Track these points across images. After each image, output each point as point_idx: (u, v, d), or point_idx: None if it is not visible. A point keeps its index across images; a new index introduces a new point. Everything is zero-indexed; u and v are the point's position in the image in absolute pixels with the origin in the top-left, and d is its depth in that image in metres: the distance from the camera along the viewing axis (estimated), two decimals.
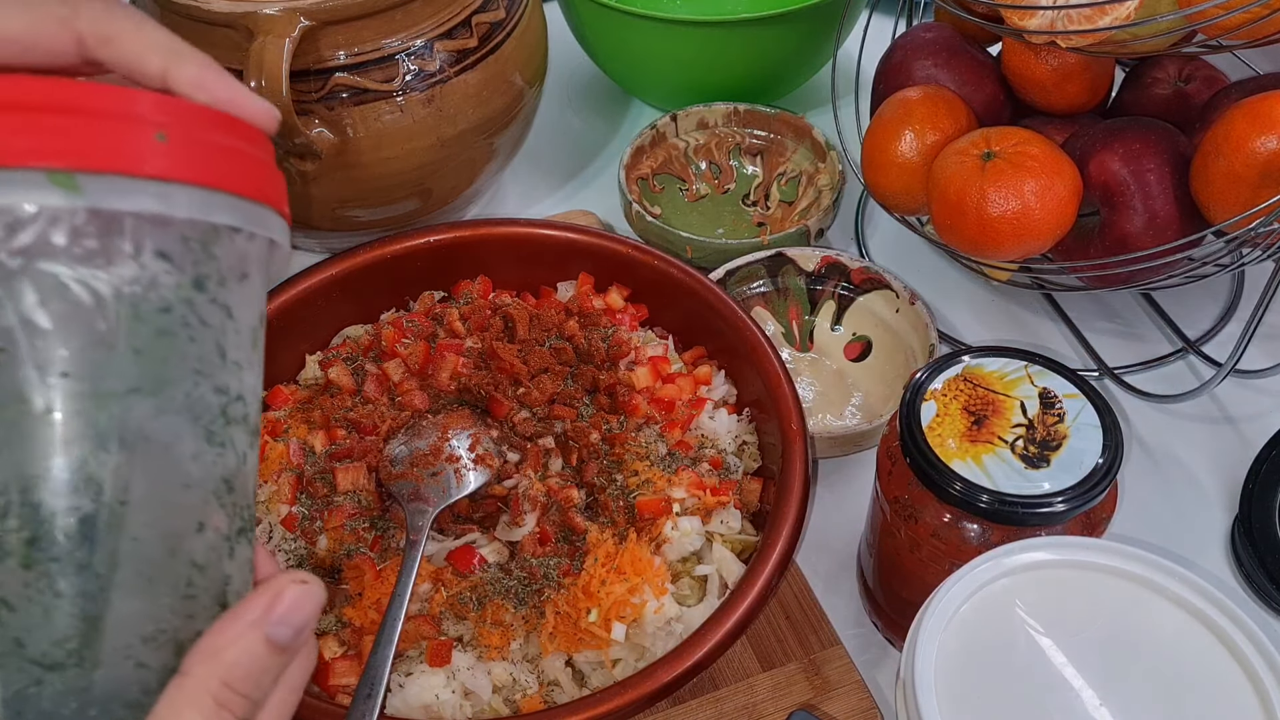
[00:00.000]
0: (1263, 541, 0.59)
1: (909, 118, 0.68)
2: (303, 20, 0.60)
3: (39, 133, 0.25)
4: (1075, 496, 0.46)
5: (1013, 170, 0.61)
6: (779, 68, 0.85)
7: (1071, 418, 0.49)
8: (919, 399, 0.50)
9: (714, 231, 0.81)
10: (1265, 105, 0.57)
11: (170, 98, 0.29)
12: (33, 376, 0.25)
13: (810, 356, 0.73)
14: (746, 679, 0.55)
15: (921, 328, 0.68)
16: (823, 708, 0.54)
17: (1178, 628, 0.41)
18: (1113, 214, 0.63)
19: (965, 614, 0.42)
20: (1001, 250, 0.63)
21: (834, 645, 0.56)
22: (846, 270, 0.72)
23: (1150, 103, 0.70)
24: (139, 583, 0.26)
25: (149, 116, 0.27)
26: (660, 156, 0.83)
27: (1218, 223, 0.60)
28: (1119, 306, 0.75)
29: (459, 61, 0.67)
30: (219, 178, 0.28)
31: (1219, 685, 0.40)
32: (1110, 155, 0.62)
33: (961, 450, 0.48)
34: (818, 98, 0.94)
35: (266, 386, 0.61)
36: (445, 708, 0.49)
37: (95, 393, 0.26)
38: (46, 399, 0.25)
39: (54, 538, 0.25)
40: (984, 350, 0.52)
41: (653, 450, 0.57)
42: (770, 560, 0.50)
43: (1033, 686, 0.40)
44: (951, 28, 0.73)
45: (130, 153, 0.26)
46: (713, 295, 0.62)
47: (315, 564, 0.54)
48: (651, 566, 0.52)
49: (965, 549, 0.48)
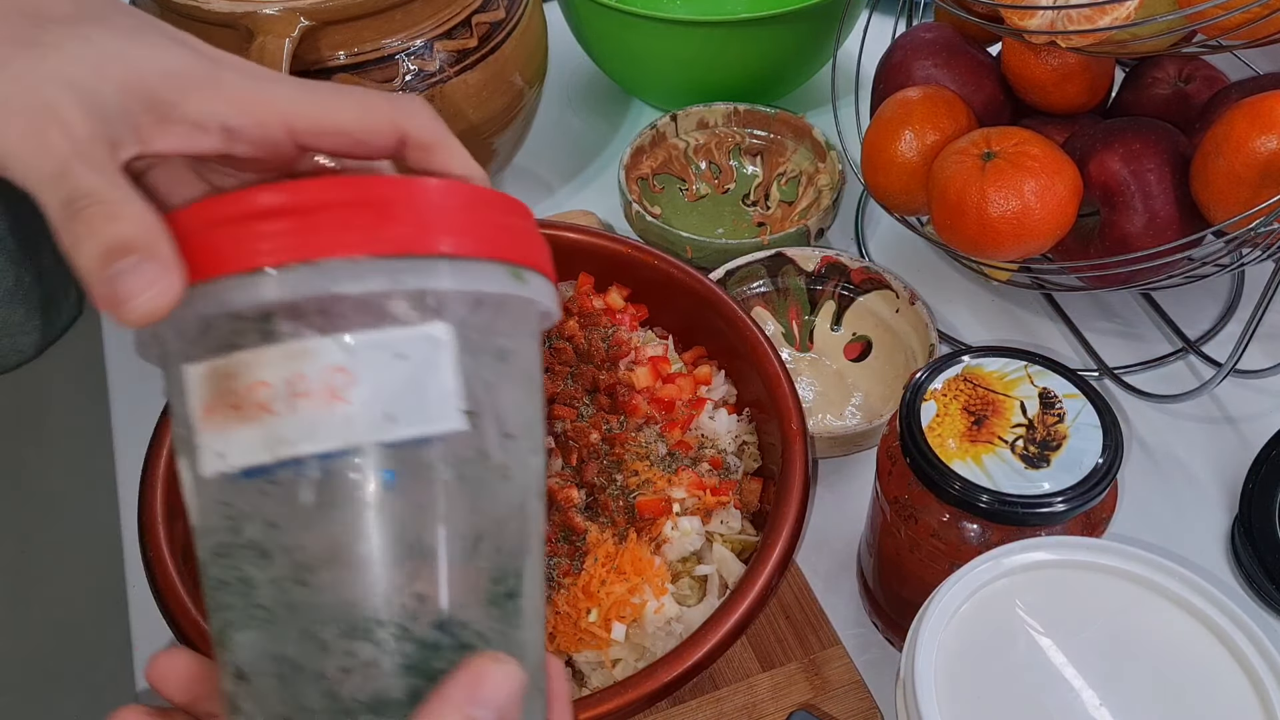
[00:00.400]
0: (1263, 541, 0.59)
1: (909, 118, 0.68)
2: (303, 20, 0.60)
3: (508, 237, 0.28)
4: (1075, 496, 0.46)
5: (1013, 170, 0.61)
6: (779, 68, 0.85)
7: (1071, 418, 0.49)
8: (919, 399, 0.50)
9: (714, 231, 0.81)
10: (1265, 105, 0.57)
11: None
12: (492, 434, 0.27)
13: (810, 356, 0.73)
14: (746, 679, 0.55)
15: (921, 328, 0.68)
16: (823, 708, 0.54)
17: (1178, 628, 0.41)
18: (1113, 214, 0.63)
19: (965, 614, 0.42)
20: (1001, 250, 0.63)
21: (834, 645, 0.56)
22: (846, 270, 0.72)
23: (1150, 103, 0.70)
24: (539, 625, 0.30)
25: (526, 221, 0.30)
26: (660, 156, 0.83)
27: (1218, 223, 0.60)
28: (1119, 306, 0.75)
29: (459, 61, 0.67)
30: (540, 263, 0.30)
31: (1219, 685, 0.40)
32: (1110, 155, 0.62)
33: (961, 450, 0.48)
34: (818, 98, 0.94)
35: None
36: None
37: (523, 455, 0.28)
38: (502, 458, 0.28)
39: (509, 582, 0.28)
40: (984, 350, 0.52)
41: (653, 450, 0.57)
42: (770, 560, 0.50)
43: (1033, 686, 0.40)
44: (951, 28, 0.73)
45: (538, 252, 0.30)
46: (713, 295, 0.62)
47: None
48: (651, 566, 0.52)
49: (965, 549, 0.48)
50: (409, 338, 0.26)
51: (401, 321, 0.26)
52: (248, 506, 0.26)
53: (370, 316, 0.26)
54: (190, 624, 0.47)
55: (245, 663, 0.26)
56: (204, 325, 0.26)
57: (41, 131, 0.28)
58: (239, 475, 0.26)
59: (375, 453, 0.25)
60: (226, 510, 0.26)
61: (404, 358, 0.26)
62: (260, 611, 0.26)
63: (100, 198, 0.27)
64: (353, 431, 0.25)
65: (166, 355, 0.28)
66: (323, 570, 0.25)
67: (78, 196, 0.27)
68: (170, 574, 0.48)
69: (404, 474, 0.26)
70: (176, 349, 0.27)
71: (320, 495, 0.25)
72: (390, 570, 0.26)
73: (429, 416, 0.26)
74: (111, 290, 0.26)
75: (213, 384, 0.26)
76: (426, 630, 0.26)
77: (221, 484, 0.26)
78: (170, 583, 0.48)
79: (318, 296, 0.25)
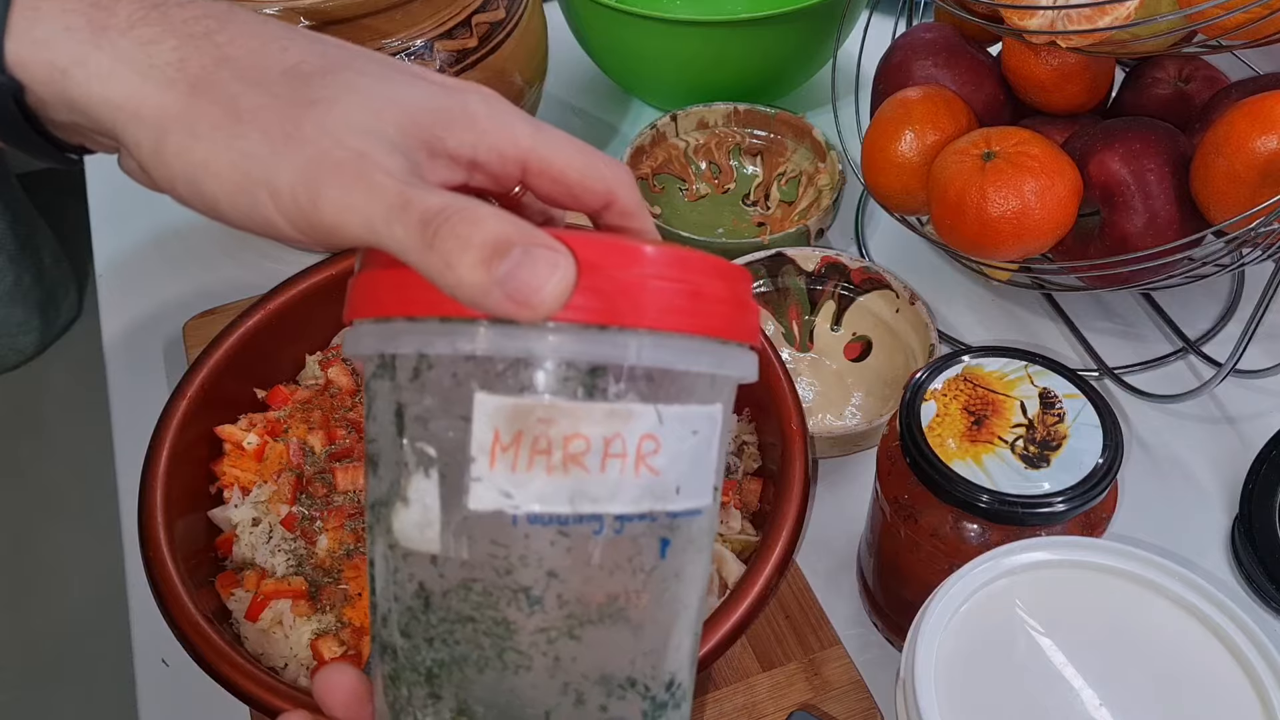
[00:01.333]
0: (1263, 541, 0.59)
1: (909, 118, 0.68)
2: (303, 20, 0.60)
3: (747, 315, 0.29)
4: (1075, 496, 0.46)
5: (1013, 170, 0.61)
6: (779, 68, 0.85)
7: (1071, 418, 0.49)
8: (919, 399, 0.50)
9: (714, 231, 0.81)
10: (1265, 105, 0.57)
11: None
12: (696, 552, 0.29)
13: (810, 356, 0.73)
14: (746, 679, 0.55)
15: (921, 328, 0.68)
16: (823, 708, 0.54)
17: (1178, 628, 0.41)
18: (1113, 214, 0.63)
19: (965, 614, 0.42)
20: (1001, 250, 0.63)
21: (834, 645, 0.56)
22: (846, 270, 0.72)
23: (1150, 103, 0.70)
24: None
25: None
26: (660, 156, 0.83)
27: (1218, 223, 0.60)
28: (1119, 306, 0.75)
29: (459, 61, 0.67)
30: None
31: (1219, 685, 0.40)
32: (1110, 155, 0.62)
33: (961, 450, 0.48)
34: (818, 98, 0.94)
35: (266, 387, 0.61)
36: None
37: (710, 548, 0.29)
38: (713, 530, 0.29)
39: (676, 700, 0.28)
40: (984, 350, 0.52)
41: None
42: (770, 560, 0.50)
43: (1032, 686, 0.40)
44: (951, 28, 0.73)
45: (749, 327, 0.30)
46: None
47: (315, 564, 0.54)
48: None
49: (965, 549, 0.48)
50: (702, 415, 0.27)
51: (701, 401, 0.27)
52: (527, 552, 0.26)
53: (683, 394, 0.27)
54: (190, 624, 0.47)
55: (477, 700, 0.27)
56: (523, 361, 0.26)
57: (366, 175, 0.28)
58: (526, 519, 0.26)
59: (662, 521, 0.27)
60: (497, 550, 0.26)
61: (697, 434, 0.27)
62: (515, 656, 0.26)
63: (455, 208, 0.26)
64: (650, 500, 0.26)
65: (432, 373, 0.27)
66: (596, 627, 0.26)
67: (431, 216, 0.26)
68: (170, 574, 0.48)
69: (676, 543, 0.27)
70: (462, 374, 0.26)
71: (606, 554, 0.26)
72: (655, 633, 0.27)
73: (701, 491, 0.28)
74: (512, 289, 0.25)
75: (516, 422, 0.26)
76: (660, 690, 0.27)
77: (500, 523, 0.26)
78: (170, 583, 0.48)
79: (659, 368, 0.26)
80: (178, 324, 0.73)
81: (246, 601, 0.52)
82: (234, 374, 0.58)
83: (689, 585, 0.28)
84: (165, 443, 0.53)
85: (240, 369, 0.58)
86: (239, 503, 0.56)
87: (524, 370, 0.26)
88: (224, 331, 0.58)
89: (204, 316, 0.73)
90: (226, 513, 0.56)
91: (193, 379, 0.56)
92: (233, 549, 0.55)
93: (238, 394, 0.59)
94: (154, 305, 0.77)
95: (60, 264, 1.92)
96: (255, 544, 0.54)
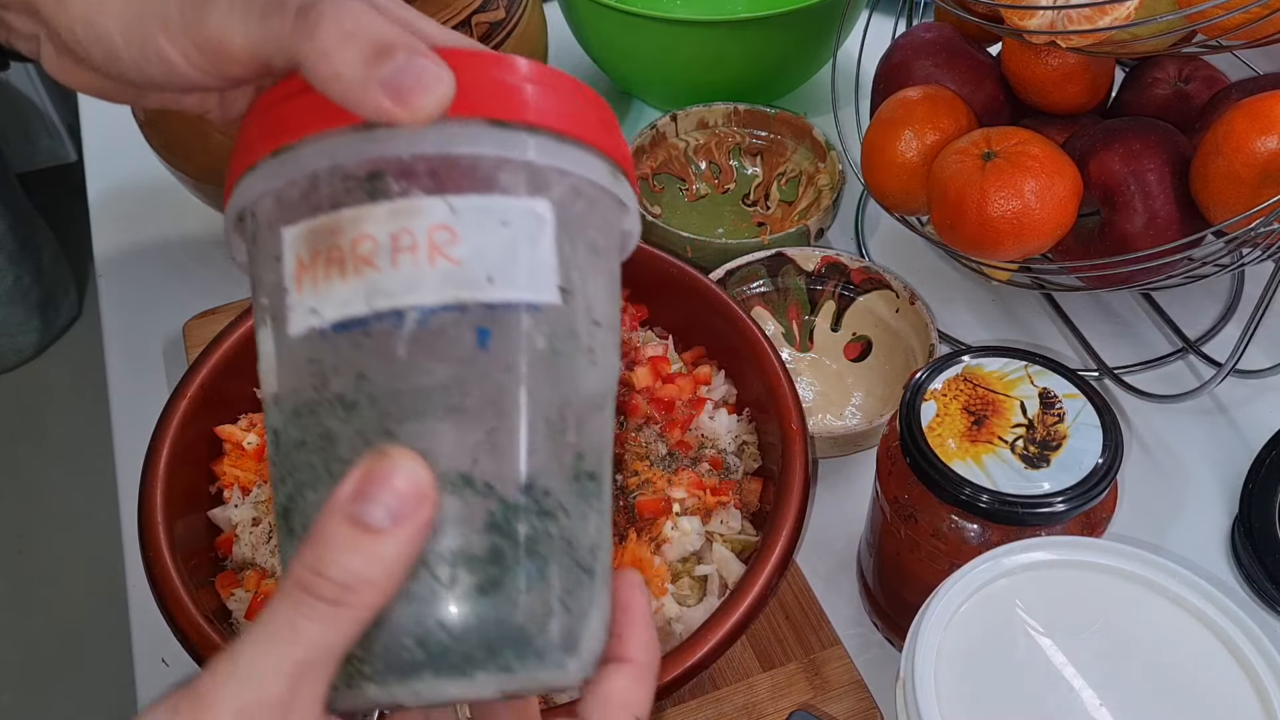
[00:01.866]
0: (1263, 541, 0.59)
1: (909, 118, 0.68)
2: None
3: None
4: (1075, 496, 0.46)
5: (1013, 170, 0.61)
6: (779, 68, 0.85)
7: (1071, 418, 0.49)
8: (919, 399, 0.50)
9: (714, 231, 0.81)
10: (1265, 105, 0.57)
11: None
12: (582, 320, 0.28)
13: (810, 356, 0.73)
14: (746, 679, 0.55)
15: (921, 328, 0.68)
16: (823, 708, 0.54)
17: (1178, 628, 0.41)
18: (1113, 214, 0.63)
19: (965, 614, 0.42)
20: (1001, 250, 0.63)
21: (834, 645, 0.56)
22: (846, 270, 0.72)
23: (1150, 103, 0.70)
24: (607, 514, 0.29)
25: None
26: (660, 156, 0.83)
27: (1218, 223, 0.60)
28: (1119, 306, 0.75)
29: None
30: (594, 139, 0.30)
31: (1219, 685, 0.40)
32: (1110, 155, 0.62)
33: (961, 450, 0.48)
34: (818, 98, 0.94)
35: None
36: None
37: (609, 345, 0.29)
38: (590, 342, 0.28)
39: (590, 461, 0.28)
40: (984, 350, 0.52)
41: (653, 450, 0.57)
42: (770, 560, 0.50)
43: (1033, 686, 0.40)
44: (951, 28, 0.73)
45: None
46: (713, 295, 0.62)
47: None
48: (651, 566, 0.52)
49: (965, 549, 0.48)
50: (513, 207, 0.27)
51: (508, 192, 0.27)
52: (338, 360, 0.26)
53: (479, 184, 0.27)
54: (190, 624, 0.47)
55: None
56: (311, 184, 0.27)
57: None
58: (331, 329, 0.26)
59: (474, 310, 0.26)
60: (313, 368, 0.26)
61: (507, 225, 0.27)
62: (339, 466, 0.26)
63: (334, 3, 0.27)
64: (453, 288, 0.26)
65: (257, 231, 0.28)
66: (410, 422, 0.26)
67: (309, 6, 0.27)
68: (170, 574, 0.48)
69: (498, 335, 0.26)
70: (272, 218, 0.27)
71: (414, 348, 0.26)
72: (478, 427, 0.26)
73: (527, 285, 0.27)
74: (395, 89, 0.25)
75: (312, 242, 0.26)
76: (511, 491, 0.26)
77: (312, 340, 0.26)
78: (170, 583, 0.48)
79: (429, 155, 0.26)
80: (178, 324, 0.73)
81: (246, 601, 0.52)
82: (234, 374, 0.57)
83: (539, 384, 0.27)
84: (165, 443, 0.53)
85: (240, 369, 0.58)
86: (239, 503, 0.56)
87: (312, 193, 0.27)
88: (224, 331, 0.58)
89: (204, 316, 0.73)
90: (226, 513, 0.56)
91: (193, 379, 0.56)
92: (233, 549, 0.55)
93: (238, 394, 0.59)
94: (154, 305, 0.77)
95: (60, 264, 1.92)
96: (255, 544, 0.54)
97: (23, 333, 1.87)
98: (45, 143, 2.14)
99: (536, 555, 0.26)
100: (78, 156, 2.05)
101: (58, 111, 2.10)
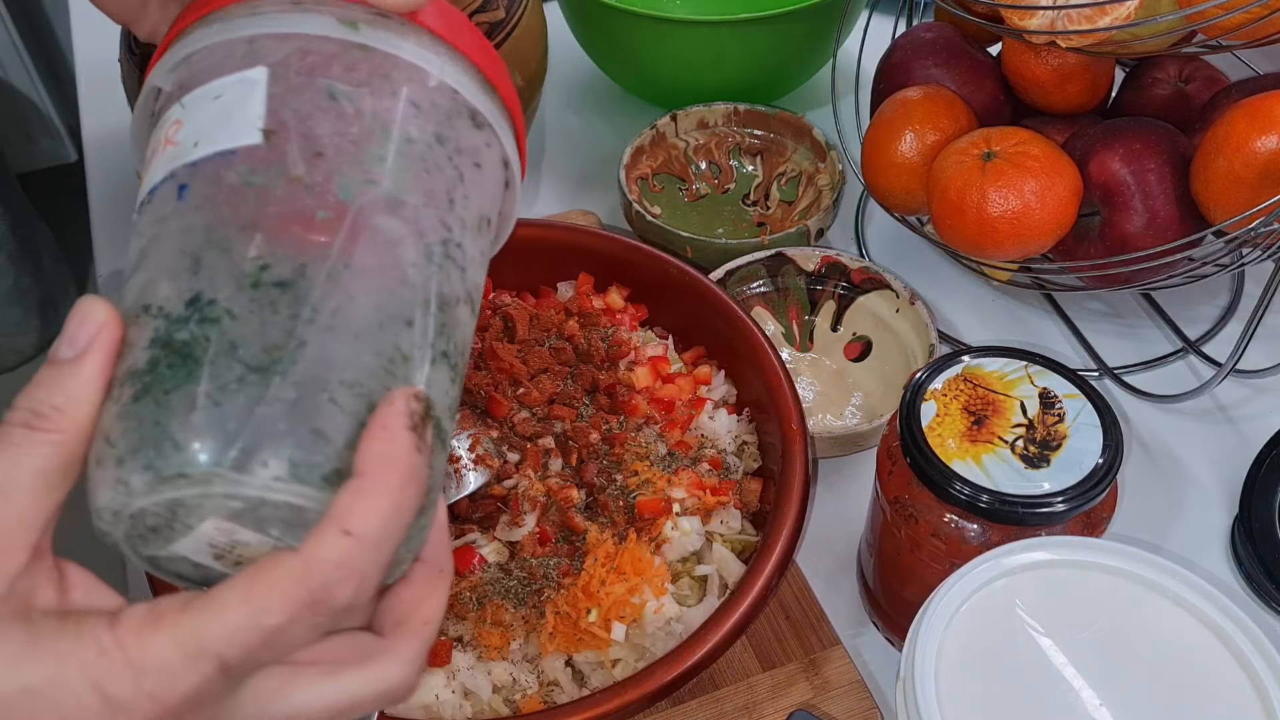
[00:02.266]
0: (1263, 541, 0.59)
1: (909, 118, 0.68)
2: None
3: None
4: (1075, 496, 0.46)
5: (1013, 170, 0.61)
6: (779, 68, 0.85)
7: (1071, 418, 0.49)
8: (919, 399, 0.50)
9: (714, 231, 0.81)
10: (1265, 105, 0.57)
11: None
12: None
13: (810, 356, 0.73)
14: (746, 679, 0.55)
15: (921, 328, 0.68)
16: (823, 708, 0.54)
17: (1178, 628, 0.41)
18: (1113, 214, 0.63)
19: (965, 614, 0.42)
20: (1001, 250, 0.63)
21: (834, 645, 0.56)
22: (846, 270, 0.72)
23: (1150, 103, 0.70)
24: (346, 335, 0.30)
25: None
26: (660, 156, 0.83)
27: (1218, 223, 0.60)
28: (1119, 306, 0.75)
29: None
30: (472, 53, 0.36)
31: (1219, 685, 0.40)
32: (1110, 155, 0.62)
33: (961, 450, 0.48)
34: (818, 98, 0.94)
35: None
36: (445, 708, 0.49)
37: (340, 172, 0.32)
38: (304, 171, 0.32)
39: (282, 270, 0.30)
40: (984, 350, 0.52)
41: (653, 450, 0.57)
42: (770, 560, 0.50)
43: (1033, 686, 0.40)
44: (951, 28, 0.73)
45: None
46: (713, 295, 0.62)
47: None
48: (651, 566, 0.52)
49: (965, 549, 0.48)
50: (227, 83, 0.33)
51: (225, 72, 0.33)
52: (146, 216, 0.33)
53: (208, 75, 0.33)
54: None
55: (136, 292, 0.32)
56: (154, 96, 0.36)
57: None
58: (138, 207, 0.34)
59: (180, 173, 0.32)
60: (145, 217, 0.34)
61: (219, 98, 0.33)
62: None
63: None
64: (167, 162, 0.33)
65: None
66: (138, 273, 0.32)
67: None
68: None
69: (195, 185, 0.32)
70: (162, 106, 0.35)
71: (141, 217, 0.33)
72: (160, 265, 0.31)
73: (226, 137, 0.32)
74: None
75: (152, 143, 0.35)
76: (176, 307, 0.30)
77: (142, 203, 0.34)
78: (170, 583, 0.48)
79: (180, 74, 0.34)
80: None
81: None
82: None
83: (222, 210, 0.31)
84: None
85: None
86: None
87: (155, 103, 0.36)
88: None
89: None
90: None
91: None
92: None
93: None
94: None
95: (60, 264, 1.91)
96: None
97: (22, 333, 1.87)
98: (45, 143, 2.14)
99: (190, 359, 0.29)
100: (78, 156, 2.05)
101: (58, 111, 2.10)
